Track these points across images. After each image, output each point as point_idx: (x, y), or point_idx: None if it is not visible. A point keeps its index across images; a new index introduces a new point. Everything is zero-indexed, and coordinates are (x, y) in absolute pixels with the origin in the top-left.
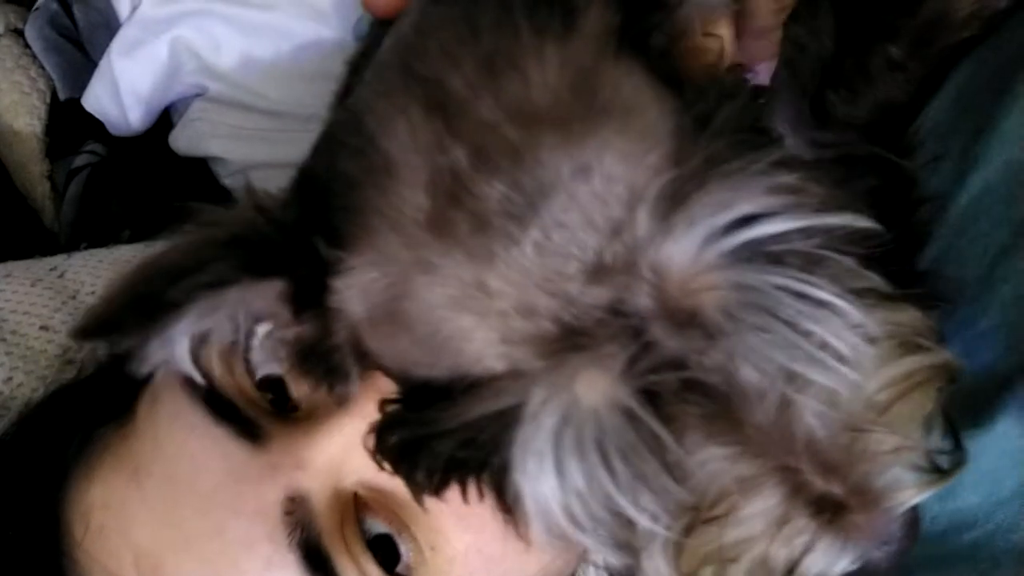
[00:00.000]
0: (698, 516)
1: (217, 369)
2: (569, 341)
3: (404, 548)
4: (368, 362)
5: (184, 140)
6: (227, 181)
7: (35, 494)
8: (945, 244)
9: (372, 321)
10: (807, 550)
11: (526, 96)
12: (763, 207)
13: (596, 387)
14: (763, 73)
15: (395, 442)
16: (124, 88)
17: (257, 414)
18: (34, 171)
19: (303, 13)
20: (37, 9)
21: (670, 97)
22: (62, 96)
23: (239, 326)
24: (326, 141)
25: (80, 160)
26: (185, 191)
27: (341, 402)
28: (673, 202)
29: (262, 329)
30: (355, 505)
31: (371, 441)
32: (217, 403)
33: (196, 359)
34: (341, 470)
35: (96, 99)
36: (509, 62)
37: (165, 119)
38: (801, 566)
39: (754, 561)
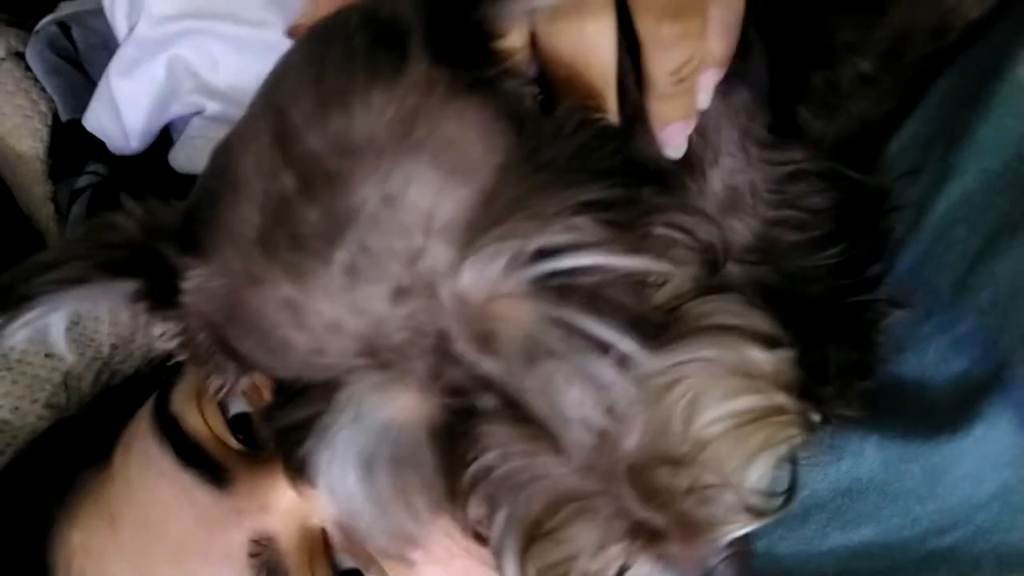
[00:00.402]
0: (539, 528)
1: (188, 413)
2: (375, 357)
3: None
4: (239, 358)
5: (183, 157)
6: None
7: (23, 537)
8: (923, 250)
9: (224, 322)
10: (622, 571)
11: (348, 131)
12: (557, 243)
13: (394, 401)
14: (676, 133)
15: (269, 432)
16: (124, 107)
17: (225, 456)
18: (37, 193)
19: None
20: (37, 32)
21: (508, 133)
22: (63, 117)
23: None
24: (211, 158)
25: (83, 181)
26: None
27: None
28: (471, 233)
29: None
30: (324, 541)
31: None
32: (185, 449)
33: (163, 405)
34: (306, 509)
35: (97, 119)
36: (341, 101)
37: (165, 137)
38: None
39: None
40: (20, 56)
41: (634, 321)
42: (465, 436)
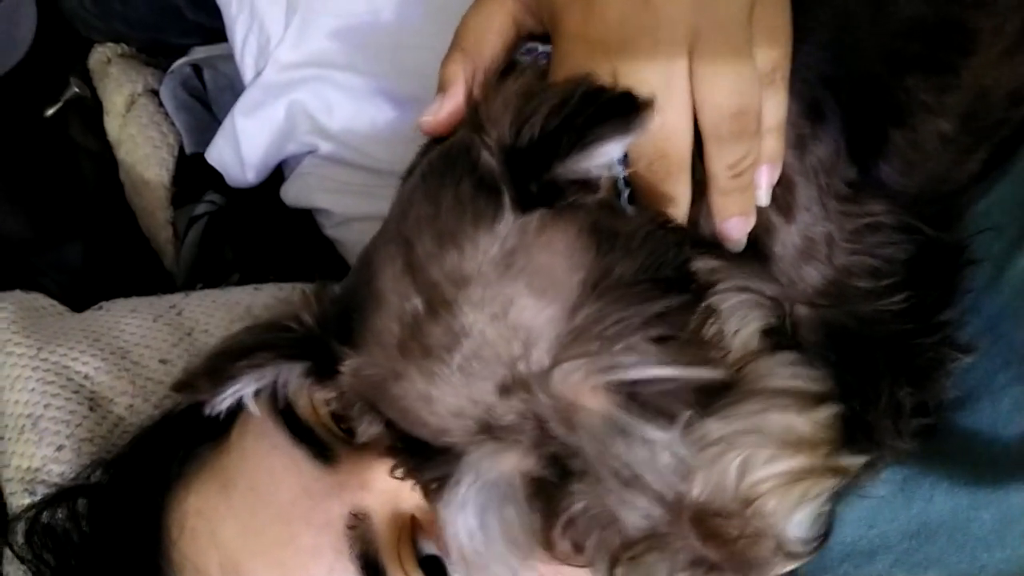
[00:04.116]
0: (623, 554)
1: (300, 400)
2: (489, 434)
3: (451, 568)
4: (379, 414)
5: (293, 192)
6: (330, 231)
7: (142, 501)
8: (1002, 304)
9: (375, 399)
10: None
11: (461, 267)
12: (620, 362)
13: (504, 464)
14: (735, 228)
15: (405, 469)
16: (244, 144)
17: (330, 439)
18: (160, 217)
19: (405, 79)
20: (172, 72)
21: (589, 249)
22: (188, 150)
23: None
24: (358, 263)
25: (200, 208)
26: (291, 239)
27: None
28: (559, 346)
29: None
30: (411, 526)
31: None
32: (296, 428)
33: (275, 397)
34: (400, 495)
35: (219, 154)
36: (454, 241)
37: (276, 173)
38: None
39: None
40: (154, 93)
41: (697, 392)
42: (560, 490)
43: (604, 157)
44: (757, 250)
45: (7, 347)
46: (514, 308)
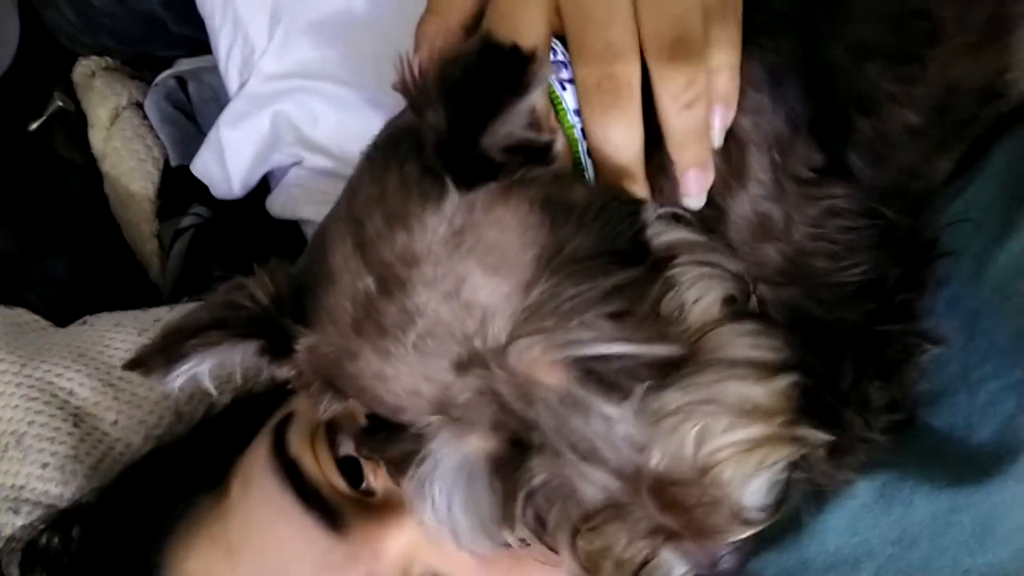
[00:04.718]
0: (583, 524)
1: (305, 456)
2: (445, 414)
3: None
4: (339, 392)
5: (279, 204)
6: None
7: (135, 549)
8: (983, 299)
9: (332, 376)
10: (647, 559)
11: (411, 246)
12: (575, 338)
13: (465, 446)
14: (694, 180)
15: (369, 445)
16: (229, 155)
17: (340, 502)
18: (145, 230)
19: (390, 89)
20: (156, 84)
21: (542, 226)
22: (173, 163)
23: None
24: (312, 241)
25: (186, 221)
26: (277, 251)
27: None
28: (514, 322)
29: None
30: None
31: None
32: (305, 491)
33: (282, 446)
34: (410, 559)
35: (204, 165)
36: (401, 220)
37: (262, 185)
38: (645, 569)
39: (616, 560)
40: (139, 106)
41: (656, 364)
42: (521, 466)
43: (519, 118)
44: (715, 213)
45: None
46: (467, 286)
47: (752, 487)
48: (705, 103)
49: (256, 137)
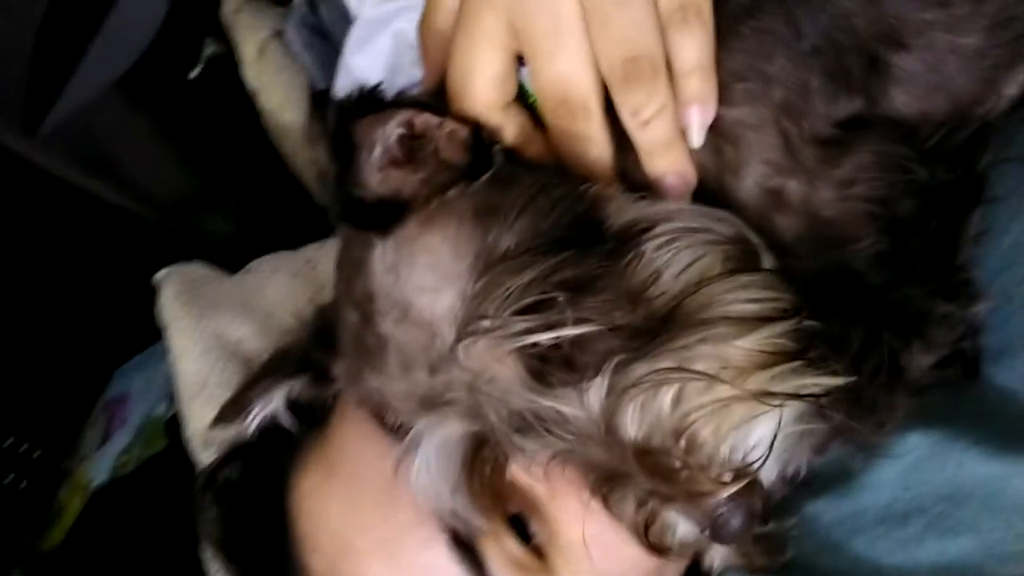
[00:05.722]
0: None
1: None
2: (429, 405)
3: (535, 529)
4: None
5: None
6: None
7: (271, 486)
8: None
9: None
10: (649, 520)
11: (367, 286)
12: (512, 330)
13: (446, 429)
14: (671, 187)
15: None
16: (360, 81)
17: None
18: (302, 158)
19: None
20: (292, 11)
21: (473, 238)
22: (317, 87)
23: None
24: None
25: None
26: None
27: None
28: (458, 326)
29: None
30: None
31: None
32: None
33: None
34: None
35: (342, 92)
36: (358, 268)
37: None
38: (652, 531)
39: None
40: (281, 36)
41: (627, 335)
42: (505, 441)
43: (371, 165)
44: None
45: (175, 321)
46: (412, 309)
47: (730, 444)
48: (668, 114)
49: (382, 60)
